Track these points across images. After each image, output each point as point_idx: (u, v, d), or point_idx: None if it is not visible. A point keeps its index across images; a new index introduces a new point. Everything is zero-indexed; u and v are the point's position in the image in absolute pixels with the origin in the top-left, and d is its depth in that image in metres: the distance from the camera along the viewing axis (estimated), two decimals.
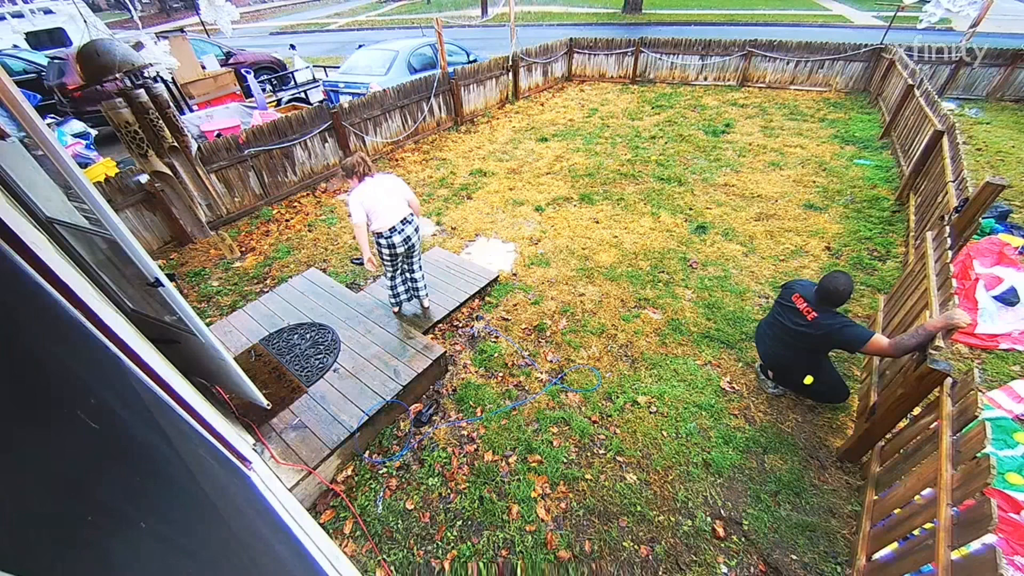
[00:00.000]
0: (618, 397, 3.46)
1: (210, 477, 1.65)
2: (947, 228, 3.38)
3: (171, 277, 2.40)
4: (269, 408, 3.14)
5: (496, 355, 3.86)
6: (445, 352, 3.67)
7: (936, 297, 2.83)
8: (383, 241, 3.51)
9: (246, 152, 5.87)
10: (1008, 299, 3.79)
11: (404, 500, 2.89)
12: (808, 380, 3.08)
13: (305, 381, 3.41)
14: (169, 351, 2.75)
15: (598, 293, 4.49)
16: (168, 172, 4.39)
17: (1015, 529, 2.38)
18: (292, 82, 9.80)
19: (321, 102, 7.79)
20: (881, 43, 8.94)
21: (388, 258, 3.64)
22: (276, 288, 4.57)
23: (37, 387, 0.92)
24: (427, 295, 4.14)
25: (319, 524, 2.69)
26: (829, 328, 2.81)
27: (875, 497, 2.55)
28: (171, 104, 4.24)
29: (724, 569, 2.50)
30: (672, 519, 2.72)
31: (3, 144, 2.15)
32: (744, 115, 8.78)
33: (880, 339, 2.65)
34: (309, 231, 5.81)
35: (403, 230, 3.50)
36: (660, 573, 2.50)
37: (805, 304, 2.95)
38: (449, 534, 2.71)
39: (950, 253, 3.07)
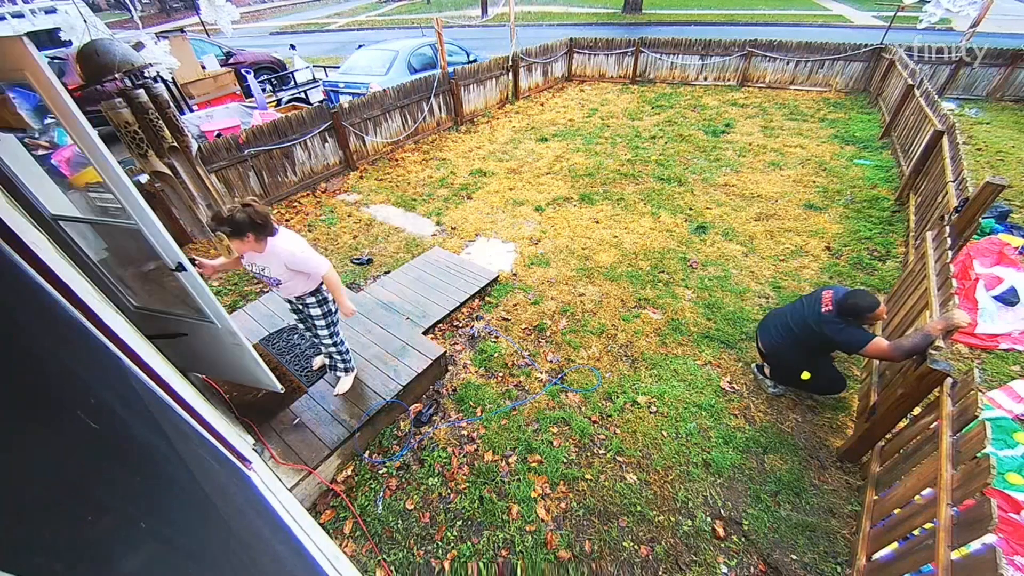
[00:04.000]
0: (618, 397, 3.46)
1: (210, 477, 1.65)
2: (947, 228, 3.38)
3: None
4: (283, 392, 3.14)
5: (496, 355, 3.86)
6: (445, 352, 3.67)
7: (936, 297, 2.83)
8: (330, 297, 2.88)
9: (246, 152, 5.86)
10: (1008, 299, 3.79)
11: (404, 500, 2.89)
12: (805, 376, 3.10)
13: (305, 381, 3.41)
14: (176, 344, 2.75)
15: (598, 293, 4.49)
16: (168, 172, 4.39)
17: (1015, 529, 2.38)
18: (292, 82, 9.79)
19: (321, 102, 7.77)
20: (881, 43, 8.94)
21: (337, 308, 2.98)
22: None
23: (37, 387, 0.92)
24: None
25: (319, 524, 2.69)
26: (834, 326, 2.82)
27: (875, 497, 2.55)
28: (171, 104, 4.24)
29: (724, 569, 2.50)
30: (672, 519, 2.72)
31: (8, 142, 2.16)
32: (744, 115, 8.78)
33: (880, 342, 2.65)
34: (309, 231, 5.81)
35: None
36: (660, 573, 2.50)
37: (831, 298, 2.94)
38: (449, 534, 2.71)
39: (950, 253, 3.07)
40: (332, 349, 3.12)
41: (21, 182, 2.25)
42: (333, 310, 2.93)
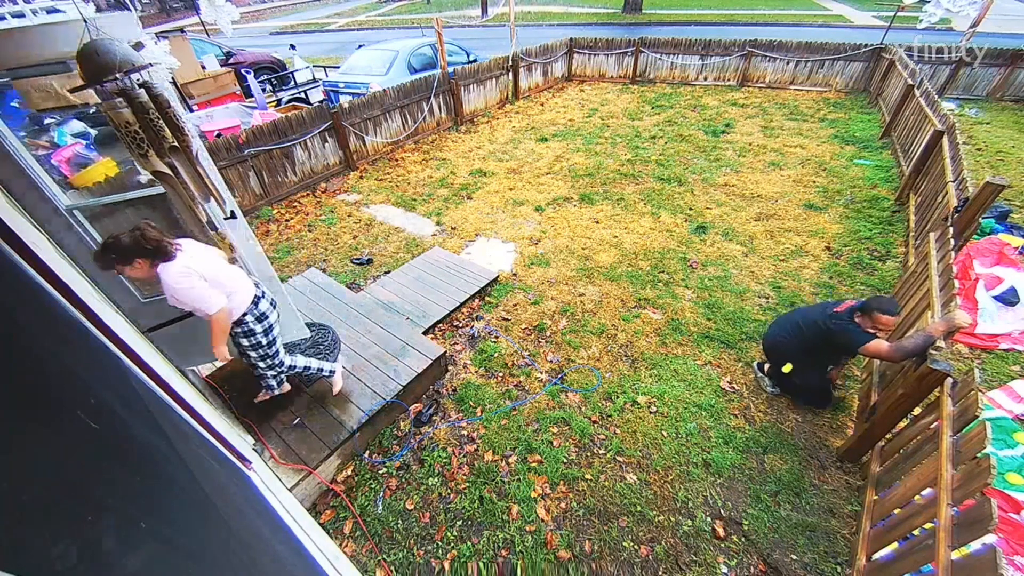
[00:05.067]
0: (618, 397, 3.46)
1: (210, 477, 1.65)
2: (950, 229, 3.38)
3: None
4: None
5: (496, 355, 3.86)
6: (445, 352, 3.67)
7: (939, 298, 2.83)
8: (259, 326, 2.57)
9: (246, 152, 5.87)
10: (1008, 299, 3.79)
11: (404, 500, 2.89)
12: (787, 368, 3.11)
13: (305, 381, 3.41)
14: (195, 329, 2.75)
15: (598, 293, 4.49)
16: (168, 172, 4.39)
17: (1015, 529, 2.38)
18: (292, 82, 9.79)
19: (321, 102, 7.78)
20: (881, 43, 8.94)
21: (274, 336, 2.72)
22: None
23: (37, 387, 0.92)
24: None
25: (319, 524, 2.69)
26: (839, 323, 2.82)
27: (875, 497, 2.55)
28: (170, 104, 4.24)
29: (724, 569, 2.50)
30: (672, 519, 2.72)
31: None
32: (744, 115, 8.78)
33: (880, 342, 2.66)
34: (309, 231, 5.81)
35: (263, 289, 2.70)
36: (660, 573, 2.50)
37: (848, 305, 2.91)
38: (449, 534, 2.71)
39: (953, 254, 3.07)
40: (271, 373, 2.85)
41: (36, 174, 2.27)
42: (264, 342, 2.65)
